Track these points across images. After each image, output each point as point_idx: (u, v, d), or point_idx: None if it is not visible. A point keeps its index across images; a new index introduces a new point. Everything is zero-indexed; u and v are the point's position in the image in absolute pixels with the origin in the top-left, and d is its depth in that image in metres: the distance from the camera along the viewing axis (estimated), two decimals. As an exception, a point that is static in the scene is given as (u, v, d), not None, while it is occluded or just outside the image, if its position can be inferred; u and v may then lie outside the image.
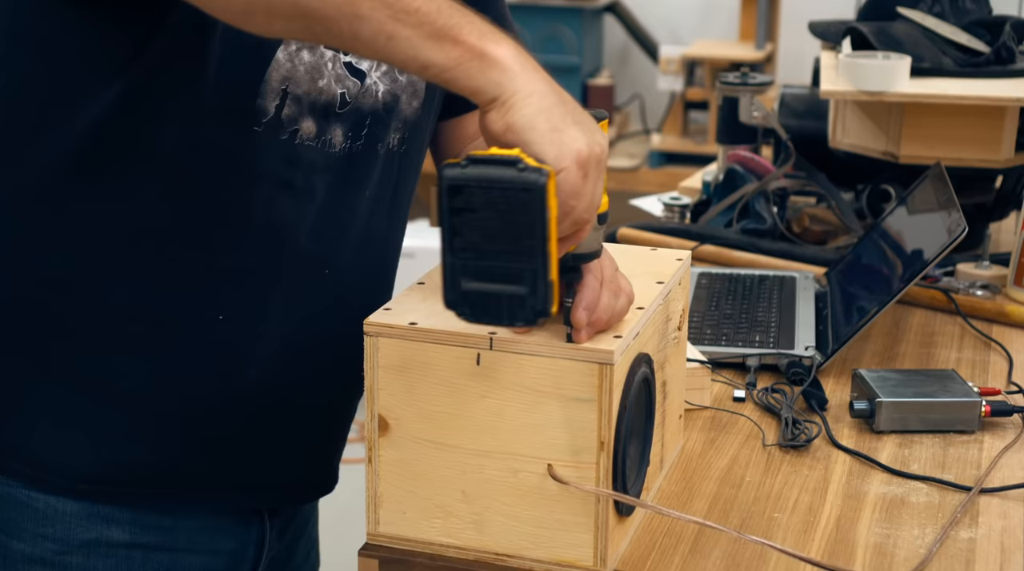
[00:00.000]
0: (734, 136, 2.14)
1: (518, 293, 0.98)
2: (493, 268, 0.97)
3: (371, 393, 1.14)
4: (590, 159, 0.98)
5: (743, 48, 3.82)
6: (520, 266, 0.97)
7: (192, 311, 1.20)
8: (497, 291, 0.98)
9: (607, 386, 1.08)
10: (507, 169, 0.95)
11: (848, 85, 1.84)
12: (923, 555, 1.18)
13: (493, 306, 0.99)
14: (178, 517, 1.26)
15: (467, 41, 0.96)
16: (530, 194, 0.95)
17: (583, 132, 0.98)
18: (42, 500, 1.22)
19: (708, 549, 1.19)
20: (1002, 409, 1.44)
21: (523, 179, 0.94)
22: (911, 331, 1.72)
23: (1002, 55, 1.93)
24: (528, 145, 0.97)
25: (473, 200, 0.96)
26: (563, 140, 0.97)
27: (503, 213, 0.95)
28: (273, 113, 1.17)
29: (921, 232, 1.65)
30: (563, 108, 0.98)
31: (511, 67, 0.96)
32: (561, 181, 0.97)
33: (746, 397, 1.50)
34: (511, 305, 0.98)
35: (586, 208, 0.99)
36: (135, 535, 1.24)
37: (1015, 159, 1.93)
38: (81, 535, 1.23)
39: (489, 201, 0.96)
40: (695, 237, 1.98)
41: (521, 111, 0.96)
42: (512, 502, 1.12)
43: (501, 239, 0.96)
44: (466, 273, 0.98)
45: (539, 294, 0.97)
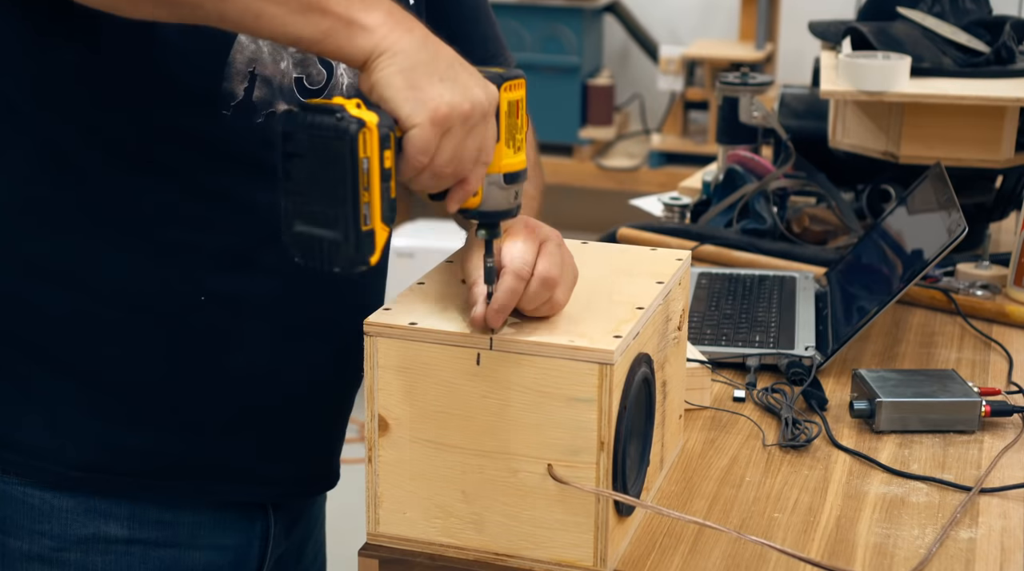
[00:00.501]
0: (734, 136, 2.14)
1: (334, 238, 1.00)
2: (317, 212, 1.00)
3: (371, 393, 1.14)
4: (451, 115, 1.00)
5: (743, 48, 3.82)
6: (335, 212, 1.00)
7: (175, 295, 1.19)
8: (319, 235, 1.01)
9: (607, 386, 1.08)
10: (327, 117, 0.98)
11: (848, 85, 1.84)
12: (923, 555, 1.18)
13: (317, 250, 1.01)
14: (178, 511, 1.26)
15: (335, 11, 0.99)
16: (341, 142, 0.98)
17: (451, 89, 1.00)
18: (37, 496, 1.22)
19: (708, 549, 1.19)
20: (1002, 409, 1.44)
21: (335, 126, 0.97)
22: (911, 331, 1.72)
23: (1002, 55, 1.93)
24: (385, 102, 1.00)
25: (300, 145, 0.99)
26: (418, 98, 0.99)
27: (322, 159, 0.99)
28: (243, 96, 1.16)
29: (921, 232, 1.65)
30: (431, 66, 1.00)
31: (378, 30, 0.99)
32: (411, 137, 1.00)
33: (746, 397, 1.50)
34: (330, 250, 1.01)
35: (447, 162, 1.01)
36: (134, 530, 1.24)
37: (1015, 159, 1.93)
38: (78, 531, 1.22)
39: (312, 147, 0.99)
40: (695, 237, 1.98)
41: (382, 71, 0.99)
42: (512, 502, 1.12)
43: (322, 184, 0.99)
44: (298, 215, 1.01)
45: (350, 242, 1.00)
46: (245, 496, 1.30)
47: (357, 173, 0.98)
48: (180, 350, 1.21)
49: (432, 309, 1.15)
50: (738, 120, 2.13)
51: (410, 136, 1.00)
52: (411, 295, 1.19)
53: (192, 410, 1.23)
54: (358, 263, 1.01)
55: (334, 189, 0.99)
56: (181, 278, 1.19)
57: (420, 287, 1.20)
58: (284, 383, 1.27)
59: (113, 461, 1.22)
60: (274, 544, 1.34)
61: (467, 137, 1.02)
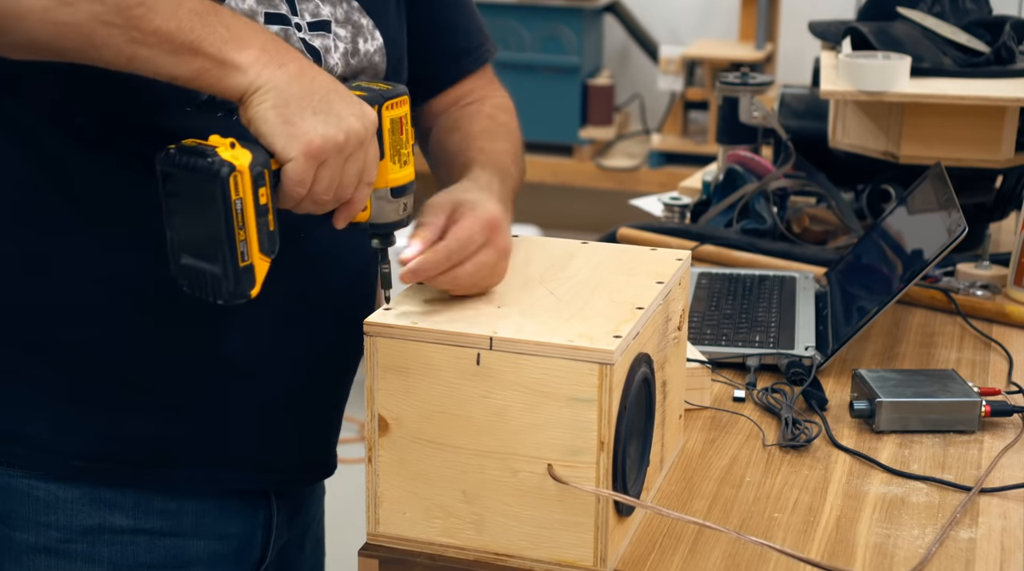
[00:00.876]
0: (734, 136, 2.14)
1: (216, 273, 1.05)
2: (198, 248, 1.05)
3: (371, 393, 1.14)
4: (324, 147, 1.05)
5: (743, 48, 3.82)
6: (214, 250, 1.04)
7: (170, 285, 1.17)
8: (203, 269, 1.06)
9: (607, 386, 1.08)
10: (200, 159, 1.02)
11: (848, 85, 1.84)
12: (923, 555, 1.18)
13: (202, 282, 1.06)
14: (182, 500, 1.27)
15: (207, 52, 1.03)
16: (212, 185, 1.02)
17: (324, 121, 1.05)
18: (43, 488, 1.23)
19: (708, 549, 1.19)
20: (1002, 409, 1.44)
21: (208, 169, 1.02)
22: (911, 331, 1.72)
23: (1002, 55, 1.93)
24: (261, 137, 1.04)
25: (179, 185, 1.04)
26: (292, 133, 1.04)
27: (197, 200, 1.03)
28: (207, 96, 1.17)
29: (921, 232, 1.65)
30: (303, 101, 1.05)
31: (251, 68, 1.04)
32: (287, 170, 1.05)
33: (746, 397, 1.50)
34: (213, 283, 1.06)
35: (325, 190, 1.06)
36: (139, 520, 1.25)
37: (1015, 159, 1.93)
38: (84, 521, 1.23)
39: (188, 187, 1.04)
40: (695, 237, 1.98)
41: (255, 108, 1.04)
42: (512, 502, 1.12)
43: (200, 222, 1.04)
44: (183, 249, 1.06)
45: (229, 278, 1.05)
46: (248, 483, 1.31)
47: (231, 214, 1.03)
48: (178, 339, 1.22)
49: (432, 309, 1.15)
50: (738, 120, 2.13)
51: (286, 170, 1.05)
52: (411, 295, 1.19)
53: (192, 398, 1.24)
54: (238, 296, 1.06)
55: (210, 229, 1.03)
56: None
57: (420, 287, 1.20)
58: (285, 369, 1.28)
59: (115, 450, 1.23)
60: (277, 533, 1.35)
61: (345, 164, 1.07)
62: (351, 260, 1.31)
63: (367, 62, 1.29)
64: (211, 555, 1.29)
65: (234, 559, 1.32)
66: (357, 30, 1.28)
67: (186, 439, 1.25)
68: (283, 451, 1.33)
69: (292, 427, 1.32)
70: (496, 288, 1.20)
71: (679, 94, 3.86)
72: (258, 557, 1.34)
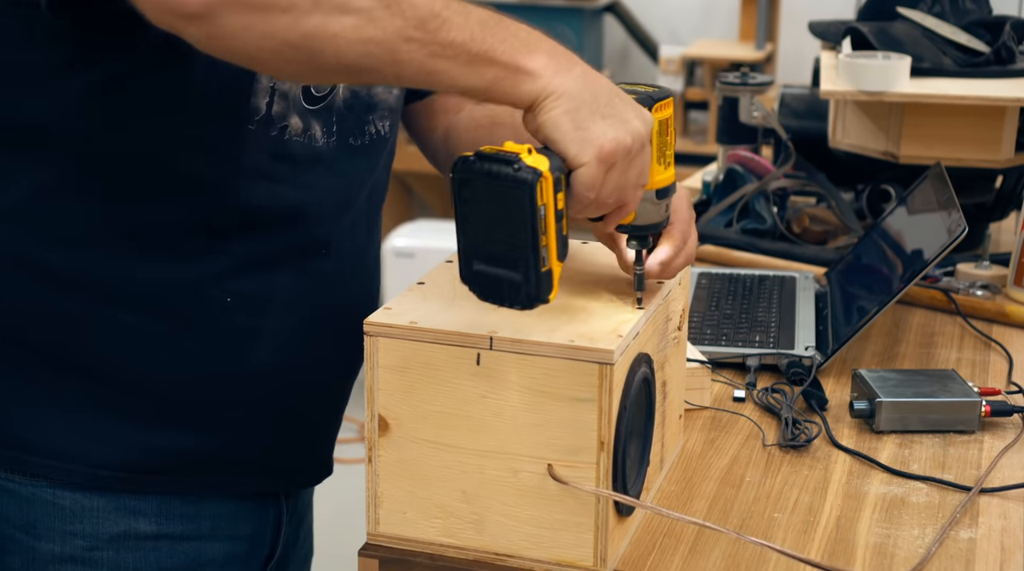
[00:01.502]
0: (734, 136, 2.15)
1: (515, 279, 1.05)
2: (496, 254, 1.05)
3: (371, 393, 1.14)
4: (615, 151, 1.05)
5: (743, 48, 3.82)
6: (515, 255, 1.04)
7: (202, 299, 1.22)
8: (499, 275, 1.06)
9: (607, 386, 1.08)
10: (505, 166, 1.02)
11: (848, 85, 1.84)
12: (923, 555, 1.18)
13: (496, 288, 1.07)
14: (202, 504, 1.28)
15: (501, 60, 1.03)
16: (520, 191, 1.02)
17: (612, 126, 1.05)
18: (68, 497, 1.23)
19: (708, 549, 1.19)
20: (1002, 409, 1.44)
21: (515, 177, 1.02)
22: (911, 331, 1.72)
23: (1002, 55, 1.93)
24: (553, 143, 1.05)
25: (477, 192, 1.04)
26: (584, 138, 1.04)
27: (500, 206, 1.03)
28: (264, 111, 1.19)
29: (921, 232, 1.65)
30: (592, 106, 1.05)
31: (542, 75, 1.04)
32: (579, 175, 1.05)
33: (746, 397, 1.51)
34: (510, 289, 1.06)
35: (610, 194, 1.07)
36: (161, 525, 1.26)
37: (1015, 159, 1.93)
38: (110, 529, 1.24)
39: (491, 194, 1.03)
40: (695, 237, 1.98)
41: (548, 114, 1.04)
42: (512, 502, 1.12)
43: (501, 229, 1.04)
44: (476, 256, 1.06)
45: (531, 283, 1.05)
46: (264, 486, 1.33)
47: (536, 220, 1.03)
48: (207, 351, 1.23)
49: (432, 309, 1.15)
50: (738, 120, 2.13)
51: (577, 174, 1.05)
52: (411, 295, 1.19)
53: (217, 408, 1.25)
54: (537, 301, 1.06)
55: (514, 235, 1.04)
56: (207, 282, 1.21)
57: (420, 287, 1.21)
58: (302, 375, 1.30)
59: (142, 460, 1.24)
60: (284, 530, 1.38)
61: (628, 168, 1.07)
62: (365, 272, 1.36)
63: None
64: (225, 557, 1.31)
65: (245, 559, 1.33)
66: None
67: (210, 448, 1.26)
68: (296, 454, 1.35)
69: (305, 431, 1.35)
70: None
71: (679, 94, 3.86)
72: (266, 554, 1.36)
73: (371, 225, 1.39)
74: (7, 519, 1.25)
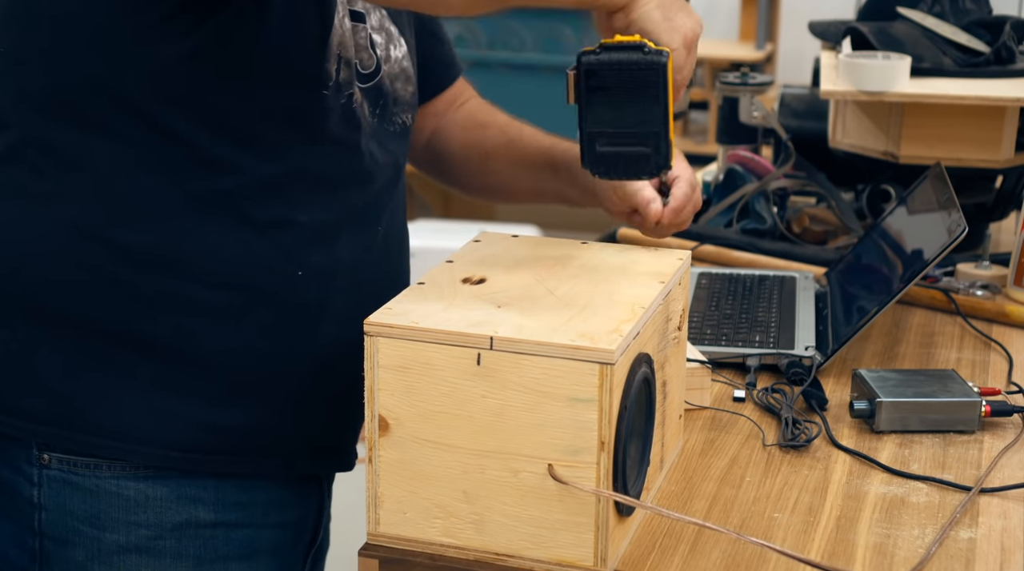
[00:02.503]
0: (734, 136, 2.15)
1: (644, 153, 1.18)
2: (622, 135, 1.18)
3: (371, 393, 1.14)
4: (694, 38, 1.21)
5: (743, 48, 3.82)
6: (647, 130, 1.18)
7: (274, 272, 1.26)
8: (626, 153, 1.19)
9: (607, 386, 1.08)
10: (635, 53, 1.16)
11: (848, 85, 1.84)
12: (923, 555, 1.18)
13: (622, 164, 1.20)
14: (255, 491, 1.32)
15: None
16: (655, 71, 1.16)
17: (689, 16, 1.22)
18: (132, 488, 1.26)
19: (708, 549, 1.19)
20: (1002, 409, 1.44)
21: (648, 60, 1.16)
22: (911, 331, 1.72)
23: (1002, 55, 1.93)
24: (647, 33, 1.19)
25: (607, 80, 1.16)
26: (673, 27, 1.20)
27: (632, 89, 1.16)
28: (335, 77, 1.27)
29: (921, 232, 1.66)
30: (672, 1, 1.21)
31: None
32: (672, 58, 1.18)
33: (746, 397, 1.51)
34: (638, 162, 1.19)
35: (686, 76, 1.22)
36: (218, 514, 1.29)
37: (1015, 159, 1.93)
38: (172, 518, 1.28)
39: (620, 80, 1.16)
40: (695, 237, 1.98)
41: (642, 8, 1.19)
42: (512, 502, 1.12)
43: (631, 110, 1.17)
44: (600, 140, 1.19)
45: (662, 152, 1.18)
46: (315, 468, 1.39)
47: (667, 96, 1.17)
48: (278, 325, 1.27)
49: (433, 309, 1.15)
50: (738, 120, 2.13)
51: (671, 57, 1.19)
52: (411, 295, 1.19)
53: (283, 384, 1.29)
54: (666, 167, 1.19)
55: (646, 112, 1.17)
56: (280, 255, 1.26)
57: (420, 287, 1.21)
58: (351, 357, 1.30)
59: (208, 441, 1.27)
60: (325, 517, 1.43)
61: (695, 53, 1.24)
62: (403, 254, 1.46)
63: (398, 68, 1.38)
64: (274, 544, 1.35)
65: (291, 546, 1.38)
66: (389, 37, 1.37)
67: (267, 428, 1.30)
68: (340, 436, 1.40)
69: (349, 413, 1.36)
70: (497, 288, 1.21)
71: (679, 94, 3.86)
72: (309, 540, 1.41)
73: (404, 208, 1.46)
74: (71, 512, 1.26)
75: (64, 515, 1.26)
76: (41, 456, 1.25)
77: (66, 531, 1.26)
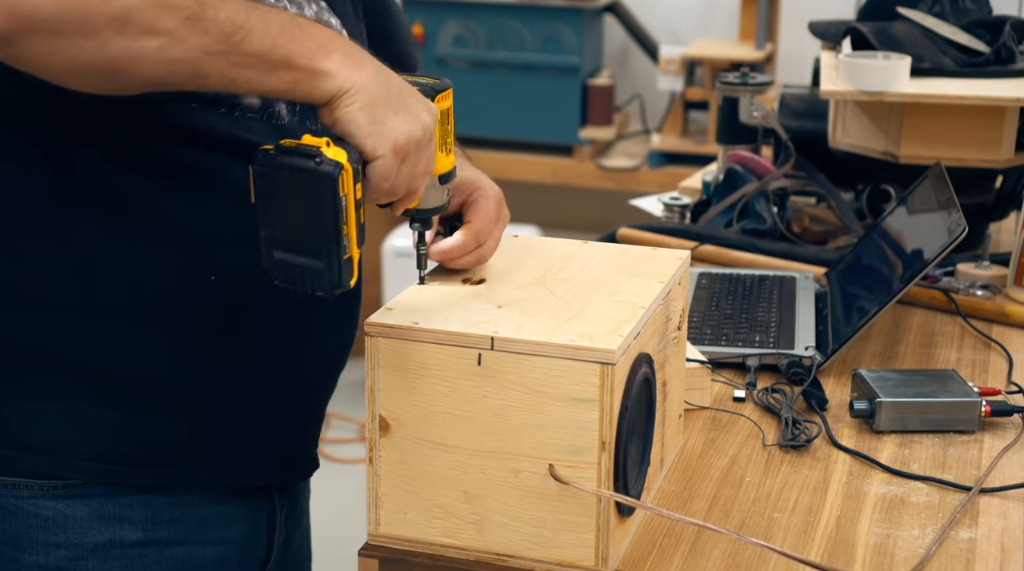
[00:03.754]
0: (734, 136, 2.15)
1: (318, 267, 1.09)
2: (297, 244, 1.10)
3: (371, 394, 1.14)
4: (408, 143, 1.12)
5: (743, 48, 3.82)
6: (318, 245, 1.09)
7: (188, 279, 1.21)
8: (302, 263, 1.10)
9: (608, 386, 1.08)
10: (306, 160, 1.07)
11: (848, 85, 1.85)
12: (923, 555, 1.18)
13: (298, 276, 1.10)
14: (188, 508, 1.27)
15: (299, 64, 1.08)
16: (323, 183, 1.07)
17: (405, 119, 1.12)
18: (50, 507, 1.22)
19: (708, 549, 1.19)
20: (1002, 409, 1.44)
21: (317, 170, 1.07)
22: (911, 331, 1.72)
23: (1002, 55, 1.93)
24: (350, 137, 1.10)
25: (279, 185, 1.09)
26: (381, 131, 1.11)
27: (302, 197, 1.08)
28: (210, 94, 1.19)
29: (921, 232, 1.66)
30: (386, 101, 1.12)
31: (338, 74, 1.10)
32: (376, 166, 1.11)
33: (746, 397, 1.51)
34: (312, 277, 1.10)
35: (402, 183, 1.13)
36: (147, 532, 1.25)
37: (1015, 159, 1.93)
38: (94, 538, 1.23)
39: (293, 186, 1.08)
40: (695, 237, 1.98)
41: (345, 109, 1.10)
42: (513, 502, 1.13)
43: (302, 219, 1.09)
44: (276, 245, 1.10)
45: (334, 270, 1.09)
46: (254, 479, 1.32)
47: (339, 211, 1.08)
48: (196, 333, 1.23)
49: (433, 309, 1.15)
50: (738, 120, 2.13)
51: (374, 166, 1.11)
52: (411, 295, 1.19)
53: (207, 393, 1.24)
54: (339, 287, 1.10)
55: (316, 226, 1.08)
56: (192, 261, 1.21)
57: (420, 287, 1.21)
58: (292, 361, 1.29)
59: (131, 450, 1.23)
60: (279, 529, 1.36)
61: (418, 158, 1.14)
62: None
63: None
64: (217, 561, 1.29)
65: (239, 562, 1.32)
66: None
67: (200, 438, 1.25)
68: (286, 445, 1.34)
69: (295, 421, 1.34)
70: (497, 288, 1.21)
71: (679, 94, 3.86)
72: (263, 556, 1.35)
73: None
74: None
75: None
76: None
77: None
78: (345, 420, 3.63)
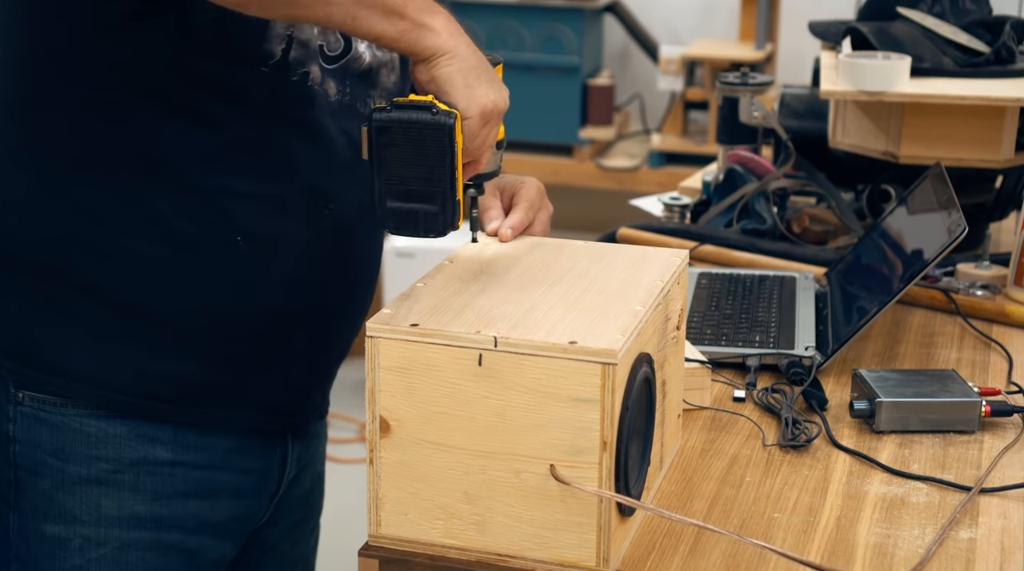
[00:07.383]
0: (734, 136, 2.15)
1: (432, 211, 1.19)
2: (412, 191, 1.19)
3: (372, 395, 1.14)
4: (493, 111, 1.22)
5: (743, 48, 3.82)
6: (433, 190, 1.19)
7: (215, 236, 1.31)
8: (415, 209, 1.20)
9: (609, 386, 1.08)
10: (423, 113, 1.17)
11: (848, 85, 1.85)
12: (923, 555, 1.18)
13: (411, 221, 1.20)
14: (215, 437, 1.38)
15: (410, 15, 1.19)
16: (441, 132, 1.17)
17: (492, 89, 1.22)
18: (93, 425, 1.33)
19: (708, 549, 1.19)
20: (1002, 409, 1.44)
21: (436, 121, 1.17)
22: (911, 331, 1.72)
23: (1002, 55, 1.93)
24: (446, 95, 1.20)
25: (396, 137, 1.18)
26: (472, 96, 1.20)
27: (420, 147, 1.18)
28: (279, 56, 1.30)
29: (921, 232, 1.66)
30: (478, 70, 1.21)
31: (442, 32, 1.21)
32: (465, 126, 1.20)
33: (746, 397, 1.51)
34: (426, 220, 1.20)
35: (479, 146, 1.22)
36: (176, 453, 1.36)
37: (1015, 159, 1.93)
38: (130, 454, 1.34)
39: (408, 138, 1.18)
40: (695, 237, 1.98)
41: (443, 68, 1.20)
42: (514, 503, 1.13)
43: (419, 168, 1.19)
44: (390, 195, 1.20)
45: (448, 211, 1.19)
46: (268, 425, 1.43)
47: (454, 157, 1.18)
48: (218, 288, 1.33)
49: (433, 310, 1.15)
50: (738, 120, 2.13)
51: (464, 125, 1.20)
52: (412, 296, 1.19)
53: (230, 344, 1.35)
54: (452, 228, 1.20)
55: (432, 171, 1.18)
56: (220, 221, 1.31)
57: (420, 287, 1.21)
58: (308, 319, 1.39)
59: (154, 388, 1.34)
60: (289, 468, 1.48)
61: (495, 125, 1.24)
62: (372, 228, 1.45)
63: (387, 55, 1.42)
64: (235, 486, 1.41)
65: (254, 490, 1.44)
66: None
67: (218, 383, 1.36)
68: (299, 396, 1.46)
69: (307, 375, 1.45)
70: (497, 289, 1.21)
71: (679, 94, 3.86)
72: (274, 489, 1.47)
73: None
74: (39, 445, 1.34)
75: (33, 448, 1.34)
76: (16, 394, 1.34)
77: (35, 463, 1.35)
78: (345, 420, 3.63)
